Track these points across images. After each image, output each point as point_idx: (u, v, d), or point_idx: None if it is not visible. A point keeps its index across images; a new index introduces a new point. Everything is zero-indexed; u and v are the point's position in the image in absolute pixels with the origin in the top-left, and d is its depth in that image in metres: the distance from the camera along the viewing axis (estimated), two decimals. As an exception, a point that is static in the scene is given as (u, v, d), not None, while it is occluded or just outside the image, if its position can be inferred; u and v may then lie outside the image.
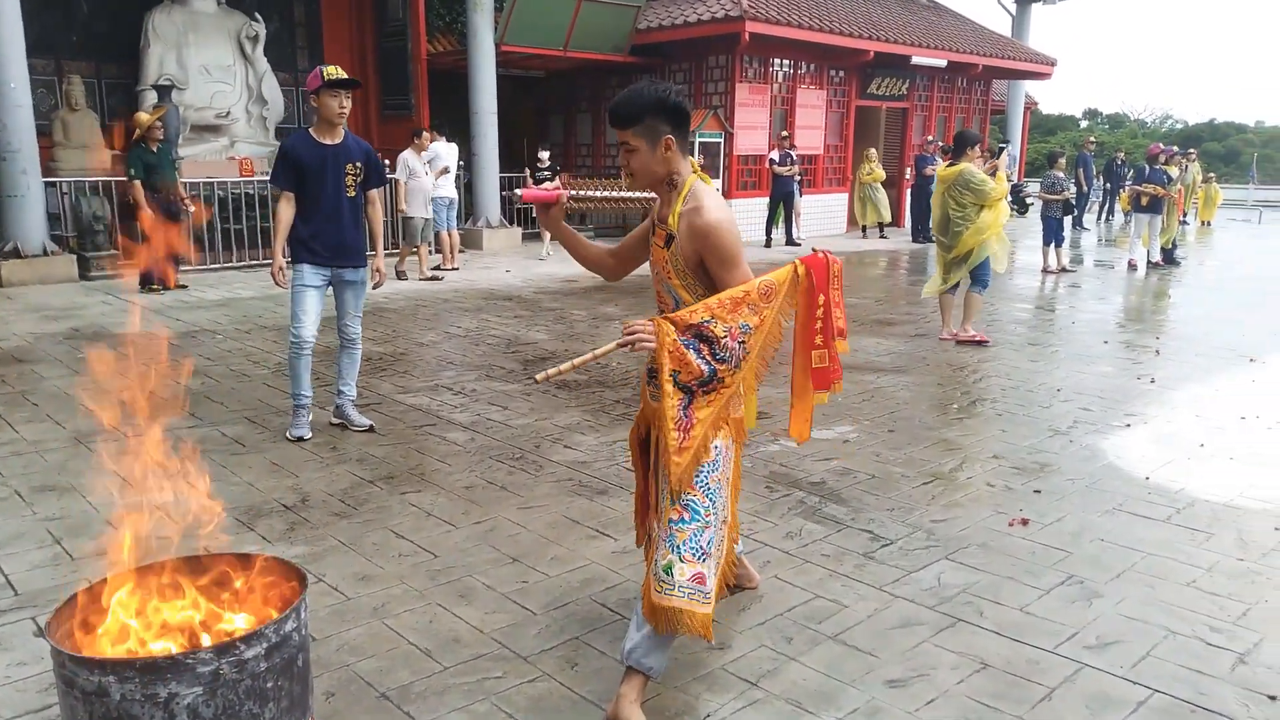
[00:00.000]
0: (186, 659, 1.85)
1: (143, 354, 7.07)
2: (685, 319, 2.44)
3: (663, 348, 2.41)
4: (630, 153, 2.57)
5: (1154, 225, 13.15)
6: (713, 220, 2.50)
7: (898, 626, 3.11)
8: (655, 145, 2.54)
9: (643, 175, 2.60)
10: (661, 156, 2.55)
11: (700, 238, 2.52)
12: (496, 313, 9.16)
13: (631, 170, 2.60)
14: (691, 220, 2.53)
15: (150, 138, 9.69)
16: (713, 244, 2.51)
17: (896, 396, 6.11)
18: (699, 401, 2.47)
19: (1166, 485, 4.48)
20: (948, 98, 20.25)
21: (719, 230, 2.51)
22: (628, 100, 2.54)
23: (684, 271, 2.59)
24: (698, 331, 2.43)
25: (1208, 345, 7.87)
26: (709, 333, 2.43)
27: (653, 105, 2.51)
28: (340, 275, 5.01)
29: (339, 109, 4.75)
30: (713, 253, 2.52)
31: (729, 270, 2.53)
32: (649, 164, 2.56)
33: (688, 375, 2.44)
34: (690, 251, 2.56)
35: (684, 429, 2.47)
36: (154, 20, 12.98)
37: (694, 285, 2.59)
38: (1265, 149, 50.06)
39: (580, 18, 14.71)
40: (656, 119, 2.52)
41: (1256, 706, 2.66)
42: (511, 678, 2.77)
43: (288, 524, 3.91)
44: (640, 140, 2.53)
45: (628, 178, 2.66)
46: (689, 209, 2.55)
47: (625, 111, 2.53)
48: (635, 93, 2.54)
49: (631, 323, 2.46)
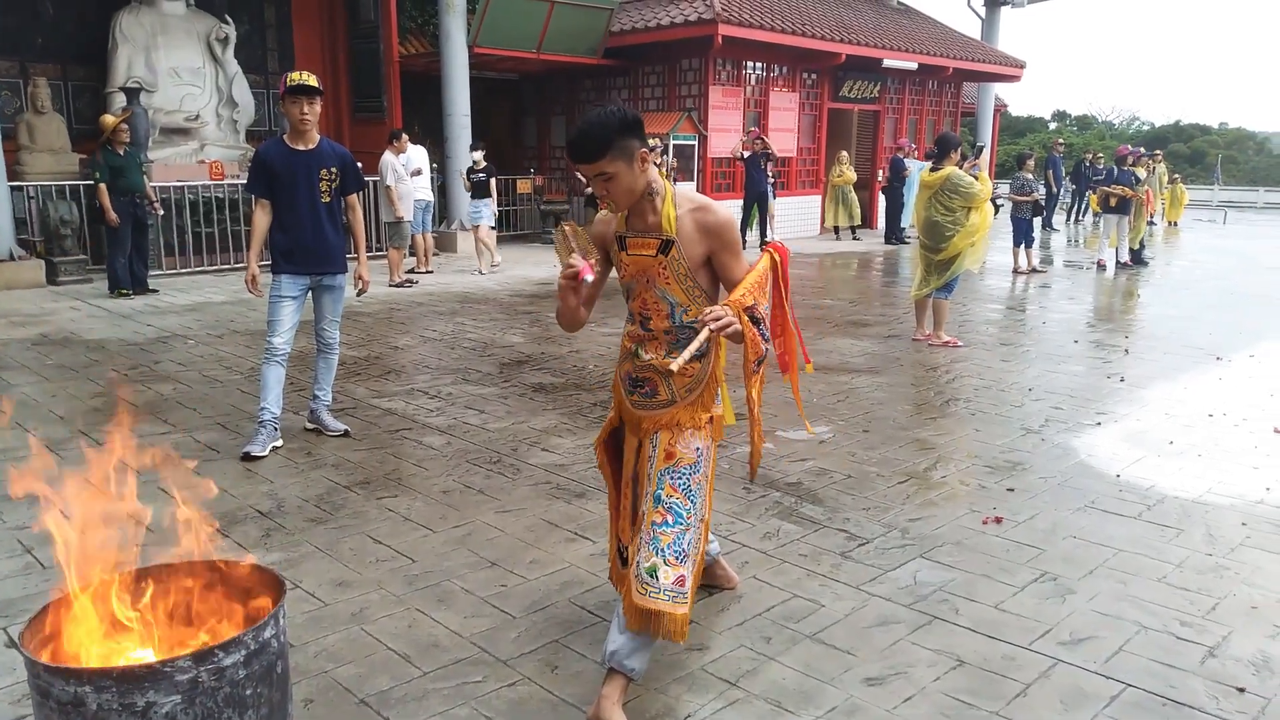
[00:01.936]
0: (164, 667, 1.83)
1: (112, 360, 6.99)
2: (742, 303, 2.48)
3: (747, 330, 2.47)
4: (609, 181, 2.48)
5: (1122, 226, 13.33)
6: (726, 217, 2.61)
7: (875, 625, 3.13)
8: (633, 163, 2.49)
9: (626, 196, 2.53)
10: (640, 171, 2.52)
11: (715, 235, 2.59)
12: (472, 316, 9.13)
13: (614, 196, 2.53)
14: (701, 219, 2.58)
15: (116, 140, 9.58)
16: (727, 238, 2.61)
17: (871, 397, 6.15)
18: (752, 379, 2.65)
19: (1137, 482, 4.54)
20: (919, 100, 20.42)
21: (732, 224, 2.63)
22: (589, 132, 2.43)
23: (685, 275, 2.59)
24: (752, 314, 2.50)
25: (1176, 344, 7.99)
26: (758, 314, 2.53)
27: (617, 127, 2.44)
28: (319, 281, 4.98)
29: (301, 115, 4.71)
30: (728, 247, 2.61)
31: (739, 260, 2.64)
32: (632, 184, 2.51)
33: (754, 354, 2.54)
34: (699, 252, 2.59)
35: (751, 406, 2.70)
36: (121, 22, 12.82)
37: (694, 288, 2.61)
38: (1229, 150, 50.91)
39: (553, 20, 14.70)
40: (625, 137, 2.46)
41: (1226, 699, 2.71)
42: (491, 682, 2.77)
43: (263, 530, 3.88)
44: (618, 164, 2.46)
45: (609, 206, 2.60)
46: (691, 210, 2.58)
47: (594, 143, 2.43)
48: (595, 123, 2.44)
49: (713, 309, 2.41)
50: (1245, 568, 3.60)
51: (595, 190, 2.56)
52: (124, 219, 9.64)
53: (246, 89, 14.00)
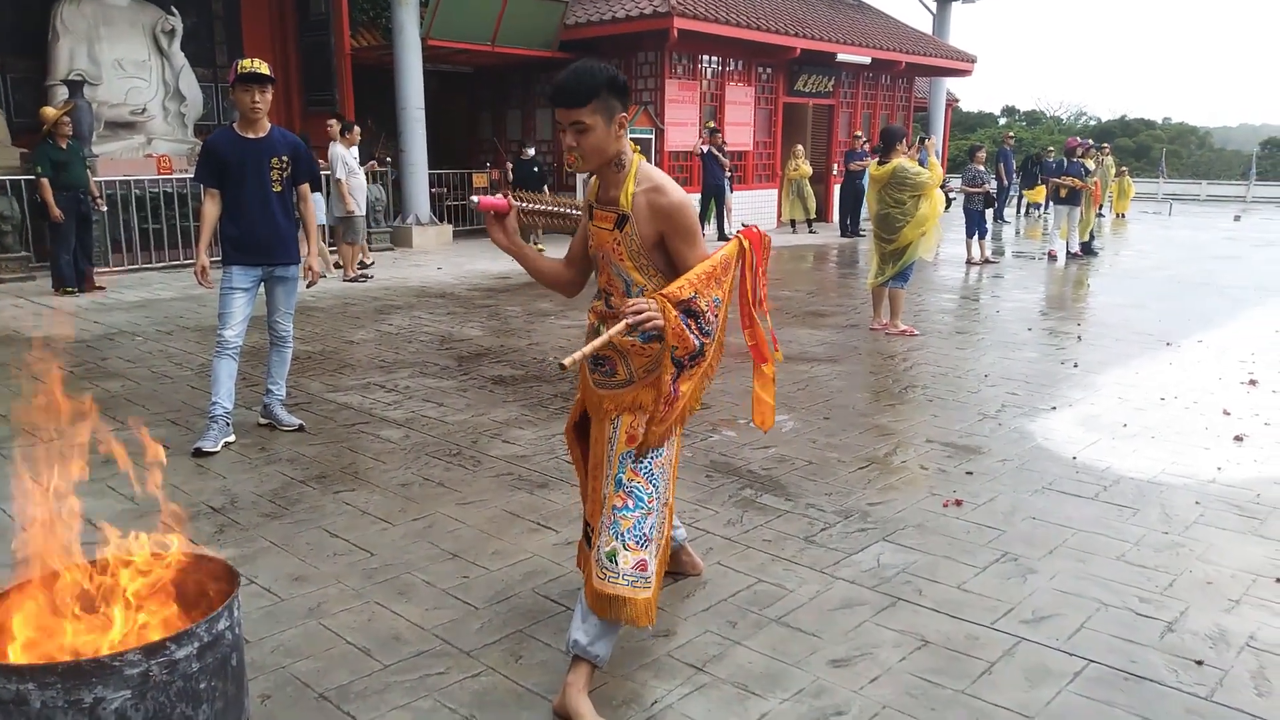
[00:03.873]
0: (113, 661, 1.76)
1: (58, 358, 6.79)
2: (676, 295, 2.41)
3: (669, 324, 2.38)
4: (582, 133, 2.45)
5: (1072, 217, 13.54)
6: (678, 200, 2.51)
7: (840, 608, 3.13)
8: (610, 123, 2.47)
9: (594, 155, 2.50)
10: (615, 134, 2.49)
11: (665, 217, 2.51)
12: (429, 310, 9.02)
13: (583, 151, 2.49)
14: (654, 200, 2.51)
15: (59, 134, 9.31)
16: (678, 223, 2.51)
17: (831, 385, 6.17)
18: (684, 375, 2.49)
19: (1093, 464, 4.60)
20: (872, 94, 20.59)
21: (685, 209, 2.52)
22: (579, 77, 2.42)
23: (638, 253, 2.54)
24: (687, 307, 2.42)
25: (1126, 331, 8.14)
26: (696, 308, 2.43)
27: (606, 82, 2.42)
28: (271, 272, 4.87)
29: (252, 103, 4.61)
30: (678, 232, 2.52)
31: (692, 247, 2.53)
32: (603, 143, 2.48)
33: (683, 350, 2.44)
34: (651, 232, 2.52)
35: (669, 402, 2.48)
36: (62, 12, 12.46)
37: (648, 267, 2.55)
38: (1173, 145, 52.01)
39: (507, 12, 14.57)
40: (610, 96, 2.44)
41: (1184, 672, 2.74)
42: (455, 673, 2.72)
43: (216, 526, 3.78)
44: (596, 118, 2.43)
45: (575, 159, 2.55)
46: (647, 189, 2.52)
47: (579, 88, 2.40)
48: (585, 70, 2.43)
49: (634, 301, 2.39)
50: (1199, 544, 3.66)
51: (566, 142, 2.49)
52: (68, 215, 9.37)
53: (194, 82, 13.69)
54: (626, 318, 2.35)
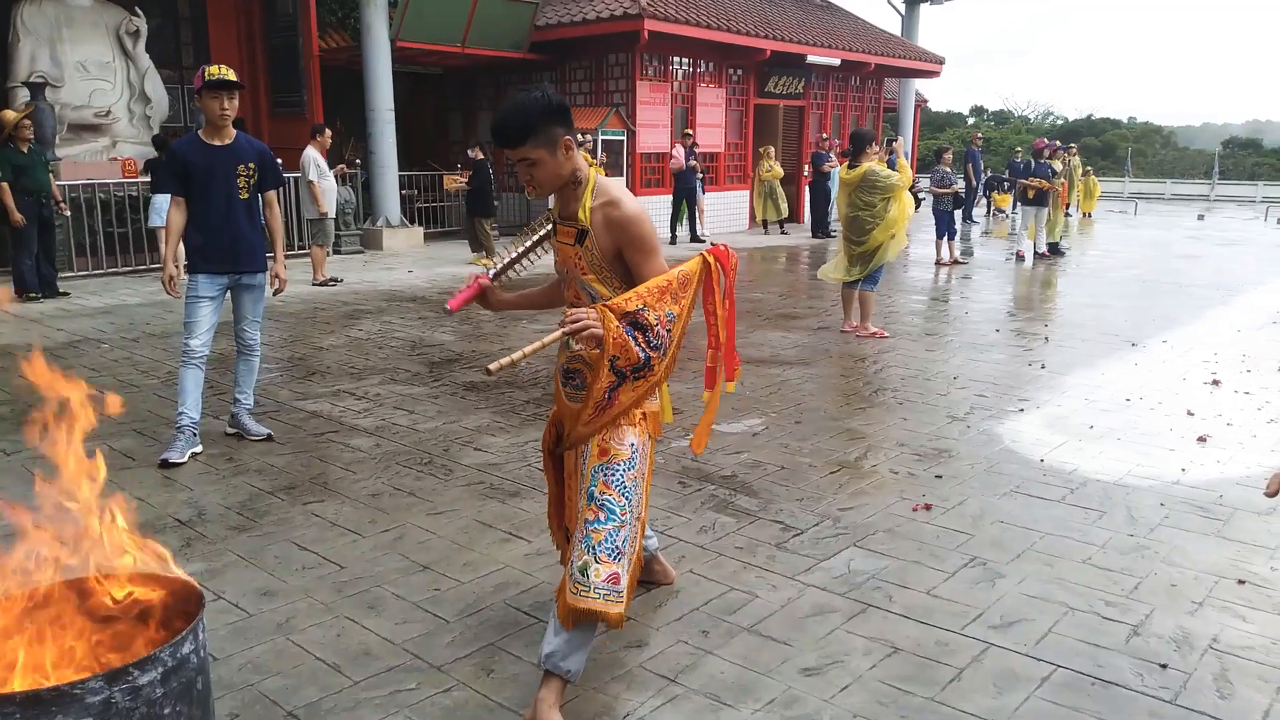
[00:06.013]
0: (73, 689, 1.73)
1: (19, 366, 6.69)
2: (622, 306, 2.41)
3: (608, 334, 2.38)
4: (531, 166, 2.48)
5: (1040, 217, 13.69)
6: (632, 213, 2.52)
7: (811, 615, 3.14)
8: (556, 150, 2.48)
9: (549, 183, 2.53)
10: (564, 159, 2.50)
11: (619, 230, 2.52)
12: (400, 314, 8.96)
13: (537, 183, 2.52)
14: (609, 214, 2.52)
15: (19, 137, 9.15)
16: (633, 235, 2.52)
17: (802, 389, 6.20)
18: (626, 386, 2.49)
19: (1060, 466, 4.65)
20: (842, 96, 20.71)
21: (639, 222, 2.53)
22: (511, 117, 2.43)
23: (599, 266, 2.56)
24: (634, 319, 2.42)
25: (1093, 332, 8.24)
26: (644, 320, 2.44)
27: (540, 112, 2.43)
28: (238, 280, 4.82)
29: (220, 110, 4.56)
30: (633, 244, 2.53)
31: (649, 260, 2.54)
32: (555, 171, 2.50)
33: (625, 362, 2.44)
34: (608, 245, 2.54)
35: (601, 408, 2.49)
36: (23, 13, 12.26)
37: (610, 278, 2.57)
38: (1138, 144, 52.78)
39: (477, 13, 14.51)
40: (549, 124, 2.45)
41: (1150, 675, 2.78)
42: (426, 688, 2.70)
43: (183, 540, 3.74)
44: (540, 150, 2.45)
45: (532, 191, 2.58)
46: (603, 203, 2.53)
47: (516, 127, 2.42)
48: (518, 108, 2.43)
49: (574, 311, 2.41)
50: (1164, 547, 3.71)
51: (520, 175, 2.53)
52: (29, 219, 9.22)
53: (160, 84, 13.54)
54: (565, 325, 2.37)
